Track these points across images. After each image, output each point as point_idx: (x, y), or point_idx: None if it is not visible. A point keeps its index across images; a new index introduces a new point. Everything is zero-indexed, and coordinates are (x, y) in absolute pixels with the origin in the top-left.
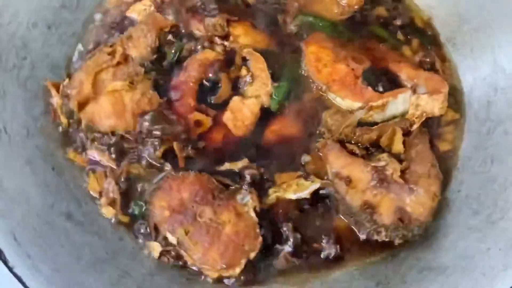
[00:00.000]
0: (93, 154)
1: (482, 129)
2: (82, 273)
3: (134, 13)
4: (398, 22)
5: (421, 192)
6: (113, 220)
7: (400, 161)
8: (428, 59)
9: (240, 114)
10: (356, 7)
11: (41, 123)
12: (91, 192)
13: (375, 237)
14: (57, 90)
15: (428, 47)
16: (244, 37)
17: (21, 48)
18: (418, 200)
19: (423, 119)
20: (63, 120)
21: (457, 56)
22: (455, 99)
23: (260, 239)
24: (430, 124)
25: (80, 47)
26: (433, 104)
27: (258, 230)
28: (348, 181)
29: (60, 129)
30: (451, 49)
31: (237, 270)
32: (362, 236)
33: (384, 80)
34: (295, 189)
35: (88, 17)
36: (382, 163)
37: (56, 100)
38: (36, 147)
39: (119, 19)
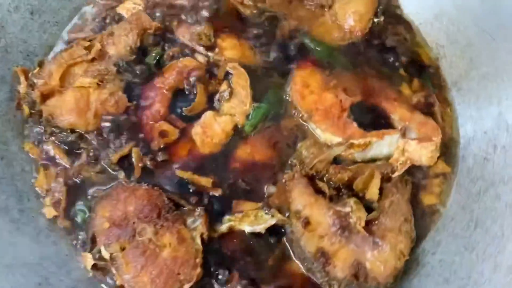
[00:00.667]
0: (49, 149)
1: (472, 188)
2: None
3: (123, 10)
4: (402, 56)
5: (386, 249)
6: (52, 222)
7: (371, 210)
8: (427, 101)
9: (210, 131)
10: (358, 34)
11: (1, 109)
12: (38, 189)
13: None
14: (27, 78)
15: (430, 89)
16: (231, 50)
17: None
18: (380, 257)
19: (407, 166)
20: (25, 109)
21: (461, 103)
22: (449, 150)
23: (199, 270)
24: (416, 174)
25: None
26: (421, 152)
27: (198, 260)
28: (306, 222)
29: (21, 118)
30: (455, 94)
31: None
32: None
33: (374, 117)
34: (251, 221)
35: (75, 8)
36: (347, 209)
37: (22, 88)
38: None
39: (106, 14)
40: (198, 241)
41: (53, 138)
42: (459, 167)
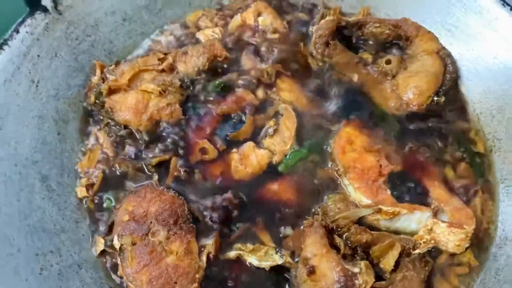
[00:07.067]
0: (100, 136)
1: None
2: (16, 230)
3: (202, 35)
4: (455, 140)
5: None
6: (81, 202)
7: (381, 279)
8: (470, 190)
9: (247, 160)
10: (415, 108)
11: (72, 93)
12: (79, 169)
13: None
14: (102, 71)
15: (476, 178)
16: (287, 92)
17: (91, 27)
18: None
19: (430, 246)
20: (92, 97)
21: (505, 201)
22: (482, 245)
23: (196, 285)
24: (439, 257)
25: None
26: (449, 237)
27: (198, 276)
28: (311, 271)
29: (86, 104)
30: (501, 191)
31: None
32: None
33: (410, 190)
34: (260, 255)
35: (162, 24)
36: (355, 269)
37: (96, 79)
38: (56, 109)
39: (186, 35)
40: (204, 258)
41: (107, 128)
42: (488, 264)
